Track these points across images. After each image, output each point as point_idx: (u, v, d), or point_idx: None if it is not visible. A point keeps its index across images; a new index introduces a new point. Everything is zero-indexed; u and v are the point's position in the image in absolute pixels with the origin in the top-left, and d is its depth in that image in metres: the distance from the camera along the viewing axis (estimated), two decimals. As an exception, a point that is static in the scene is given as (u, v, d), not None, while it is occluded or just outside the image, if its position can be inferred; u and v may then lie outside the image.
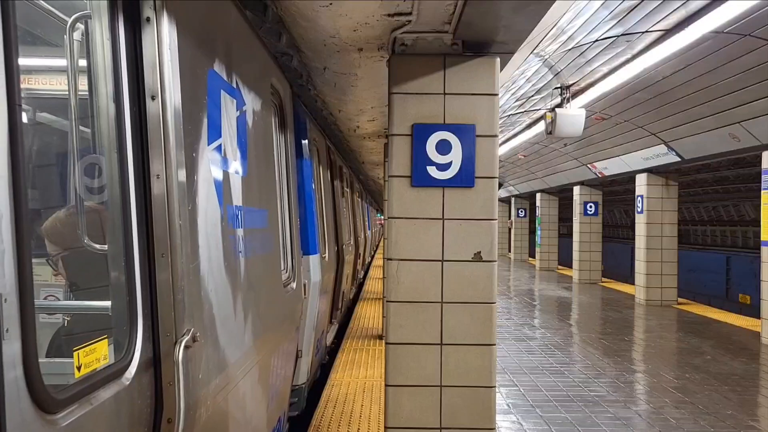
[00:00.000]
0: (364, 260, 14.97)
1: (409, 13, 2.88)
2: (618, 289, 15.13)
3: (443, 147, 3.12)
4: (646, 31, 6.63)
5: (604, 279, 16.70)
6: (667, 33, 6.52)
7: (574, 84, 8.73)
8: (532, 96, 9.91)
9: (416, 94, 3.16)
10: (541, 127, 10.54)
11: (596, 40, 7.04)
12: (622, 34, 6.80)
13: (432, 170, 3.13)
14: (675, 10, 5.98)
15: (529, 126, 12.15)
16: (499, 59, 3.18)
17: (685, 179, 16.42)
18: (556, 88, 8.91)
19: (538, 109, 10.77)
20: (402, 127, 3.16)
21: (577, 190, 16.32)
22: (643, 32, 6.66)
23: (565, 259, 20.69)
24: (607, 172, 13.88)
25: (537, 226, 20.54)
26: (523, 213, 24.19)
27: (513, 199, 24.52)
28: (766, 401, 5.88)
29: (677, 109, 8.91)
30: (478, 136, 3.13)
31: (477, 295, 3.15)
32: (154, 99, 1.68)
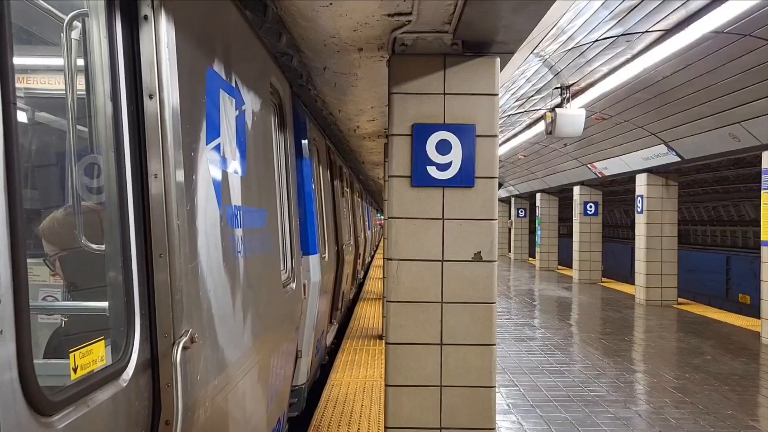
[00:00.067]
0: (364, 260, 14.96)
1: (409, 13, 2.87)
2: (618, 289, 15.12)
3: (443, 147, 3.11)
4: (646, 31, 6.62)
5: (604, 279, 16.69)
6: (667, 33, 6.52)
7: (574, 84, 8.72)
8: (532, 96, 9.90)
9: (416, 94, 3.15)
10: (541, 127, 10.53)
11: (596, 40, 7.03)
12: (622, 34, 6.79)
13: (432, 170, 3.12)
14: (675, 10, 5.97)
15: (529, 126, 12.15)
16: (499, 59, 3.18)
17: (685, 179, 16.42)
18: (556, 88, 8.91)
19: (538, 109, 10.77)
20: (402, 127, 3.16)
21: (577, 190, 16.32)
22: (643, 32, 6.65)
23: (565, 259, 20.69)
24: (607, 172, 13.88)
25: (537, 226, 20.54)
26: (523, 213, 24.19)
27: (513, 199, 24.51)
28: (766, 401, 5.87)
29: (677, 109, 8.91)
30: (478, 136, 3.12)
31: (477, 295, 3.14)
32: (152, 98, 1.67)
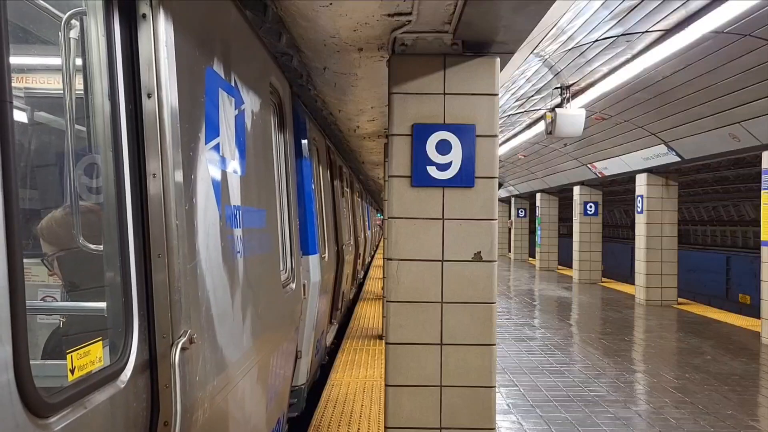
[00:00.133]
0: (364, 260, 14.95)
1: (409, 13, 2.87)
2: (618, 289, 15.12)
3: (443, 147, 3.11)
4: (646, 31, 6.61)
5: (604, 279, 16.69)
6: (667, 33, 6.51)
7: (574, 84, 8.71)
8: (532, 96, 9.89)
9: (416, 94, 3.14)
10: (541, 127, 10.53)
11: (596, 40, 7.03)
12: (622, 34, 6.78)
13: (432, 170, 3.11)
14: (675, 10, 5.97)
15: (529, 126, 12.14)
16: (499, 59, 3.17)
17: (685, 179, 16.42)
18: (556, 88, 8.90)
19: (538, 109, 10.76)
20: (402, 127, 3.15)
21: (577, 190, 16.31)
22: (643, 32, 6.65)
23: (565, 259, 20.68)
24: (607, 172, 13.87)
25: (537, 226, 20.53)
26: (523, 213, 24.18)
27: (513, 199, 24.51)
28: (766, 401, 5.87)
29: (677, 109, 8.90)
30: (478, 136, 3.12)
31: (477, 295, 3.14)
32: (151, 97, 1.66)
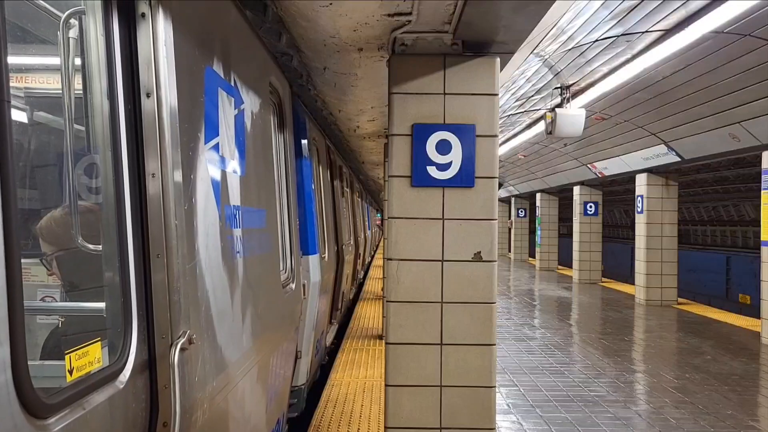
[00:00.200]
0: (364, 260, 14.95)
1: (409, 13, 2.86)
2: (618, 289, 15.11)
3: (443, 147, 3.11)
4: (646, 31, 6.61)
5: (604, 279, 16.69)
6: (667, 33, 6.51)
7: (574, 84, 8.71)
8: (532, 96, 9.89)
9: (416, 94, 3.14)
10: (541, 127, 10.52)
11: (596, 40, 7.02)
12: (622, 34, 6.78)
13: (432, 170, 3.11)
14: (675, 10, 5.96)
15: (529, 126, 12.14)
16: (499, 59, 3.17)
17: (685, 179, 16.42)
18: (556, 88, 8.90)
19: (538, 109, 10.76)
20: (402, 127, 3.15)
21: (577, 190, 16.31)
22: (643, 32, 6.64)
23: (565, 259, 20.68)
24: (607, 172, 13.87)
25: (537, 226, 20.53)
26: (523, 213, 24.18)
27: (513, 199, 24.51)
28: (766, 401, 5.86)
29: (677, 109, 8.90)
30: (478, 136, 3.12)
31: (477, 295, 3.13)
32: (150, 96, 1.65)
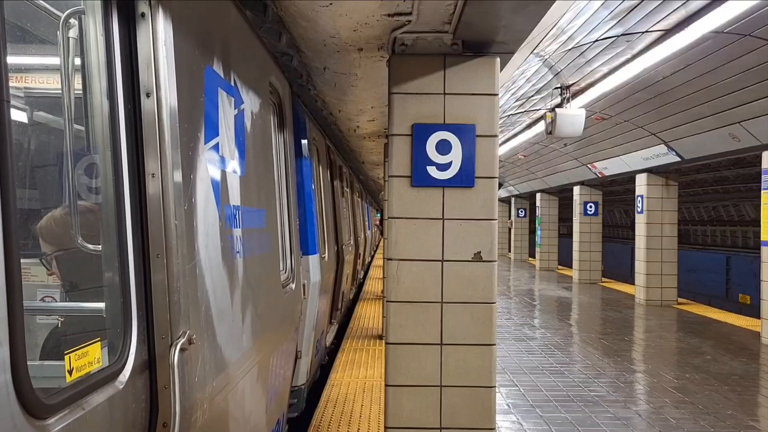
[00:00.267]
0: (364, 260, 14.95)
1: (409, 13, 2.86)
2: (618, 289, 15.11)
3: (443, 147, 3.10)
4: (646, 31, 6.61)
5: (604, 279, 16.68)
6: (667, 33, 6.50)
7: (574, 84, 8.71)
8: (532, 96, 9.89)
9: (416, 94, 3.14)
10: (541, 127, 10.52)
11: (596, 40, 7.02)
12: (622, 34, 6.78)
13: (432, 170, 3.11)
14: (675, 10, 5.96)
15: (529, 126, 12.14)
16: (499, 59, 3.17)
17: (685, 179, 16.41)
18: (556, 88, 8.90)
19: (538, 109, 10.76)
20: (402, 127, 3.14)
21: (577, 190, 16.31)
22: (643, 32, 6.64)
23: (565, 259, 20.68)
24: (607, 172, 13.87)
25: (537, 226, 20.53)
26: (523, 213, 24.18)
27: (513, 199, 24.51)
28: (766, 401, 5.86)
29: (677, 109, 8.90)
30: (478, 136, 3.12)
31: (477, 295, 3.13)
32: (149, 96, 1.65)
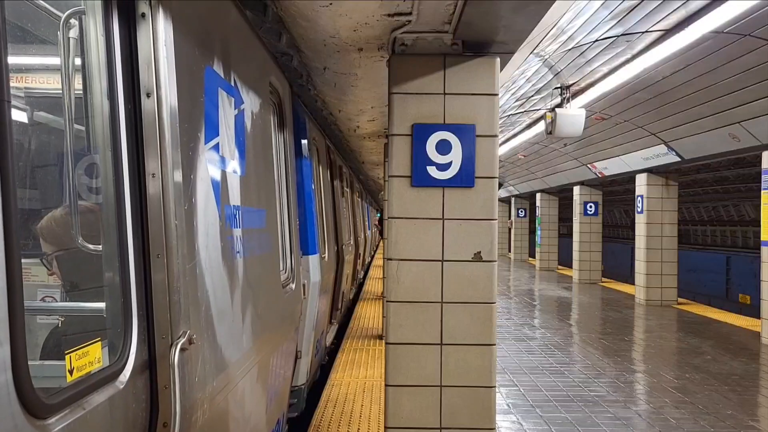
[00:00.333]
0: (364, 260, 14.95)
1: (409, 13, 2.86)
2: (618, 289, 15.11)
3: (443, 147, 3.11)
4: (646, 31, 6.61)
5: (604, 279, 16.69)
6: (667, 33, 6.51)
7: (574, 84, 8.71)
8: (532, 96, 9.89)
9: (416, 94, 3.14)
10: (541, 127, 10.52)
11: (596, 40, 7.02)
12: (622, 34, 6.78)
13: (432, 170, 3.11)
14: (675, 10, 5.96)
15: (529, 126, 12.14)
16: (499, 59, 3.17)
17: (685, 179, 16.42)
18: (556, 88, 8.90)
19: (538, 109, 10.76)
20: (402, 127, 3.15)
21: (577, 190, 16.31)
22: (643, 32, 6.64)
23: (565, 259, 20.68)
24: (607, 172, 13.87)
25: (537, 226, 20.53)
26: (523, 213, 24.18)
27: (513, 199, 24.51)
28: (766, 401, 5.86)
29: (677, 109, 8.90)
30: (478, 136, 3.12)
31: (477, 295, 3.13)
32: (150, 96, 1.65)
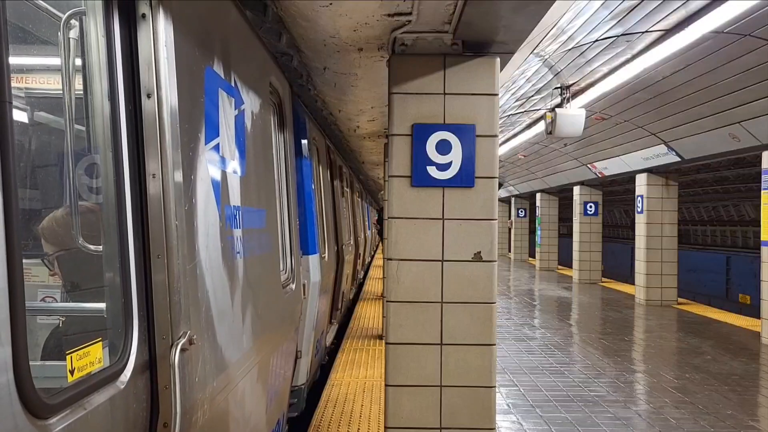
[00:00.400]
0: (364, 260, 14.95)
1: (409, 13, 2.86)
2: (618, 289, 15.11)
3: (443, 147, 3.11)
4: (646, 31, 6.61)
5: (604, 279, 16.69)
6: (667, 33, 6.51)
7: (574, 84, 8.71)
8: (532, 96, 9.89)
9: (416, 94, 3.14)
10: (541, 127, 10.52)
11: (596, 40, 7.02)
12: (622, 34, 6.78)
13: (432, 170, 3.11)
14: (675, 10, 5.97)
15: (529, 126, 12.14)
16: (499, 59, 3.17)
17: (685, 179, 16.42)
18: (556, 88, 8.90)
19: (538, 109, 10.76)
20: (402, 127, 3.15)
21: (577, 190, 16.31)
22: (643, 32, 6.64)
23: (565, 259, 20.68)
24: (607, 172, 13.87)
25: (537, 226, 20.53)
26: (523, 213, 24.18)
27: (513, 199, 24.51)
28: (766, 401, 5.86)
29: (677, 109, 8.90)
30: (478, 136, 3.12)
31: (477, 295, 3.14)
32: (150, 97, 1.66)
